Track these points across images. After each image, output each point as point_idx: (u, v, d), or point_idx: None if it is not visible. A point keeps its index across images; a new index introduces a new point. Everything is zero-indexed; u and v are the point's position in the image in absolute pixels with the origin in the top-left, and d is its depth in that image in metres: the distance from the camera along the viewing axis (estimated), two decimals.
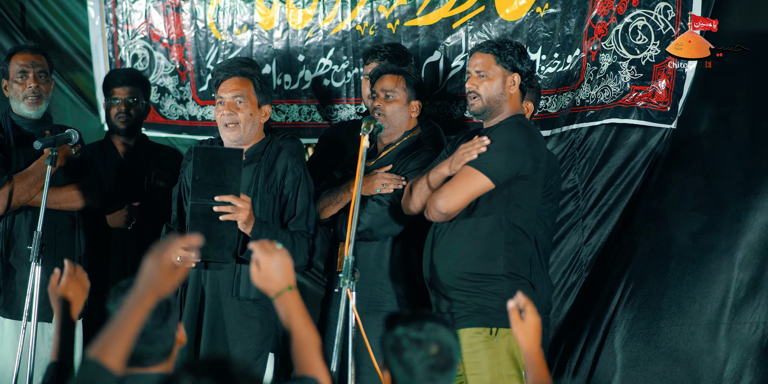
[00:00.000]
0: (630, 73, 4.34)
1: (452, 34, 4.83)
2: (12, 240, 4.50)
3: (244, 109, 4.08)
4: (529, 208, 3.96)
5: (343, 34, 5.14)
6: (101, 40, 5.87)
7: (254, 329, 4.05)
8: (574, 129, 4.50)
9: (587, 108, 4.45)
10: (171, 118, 5.76)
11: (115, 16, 5.84)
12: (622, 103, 4.35)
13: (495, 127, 3.98)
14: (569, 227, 4.57)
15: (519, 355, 3.86)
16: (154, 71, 5.77)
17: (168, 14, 5.66)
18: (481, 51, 4.01)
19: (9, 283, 4.48)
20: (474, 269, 3.93)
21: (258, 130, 4.14)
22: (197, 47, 5.57)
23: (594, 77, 4.43)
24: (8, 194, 4.41)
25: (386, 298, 4.29)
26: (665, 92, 4.28)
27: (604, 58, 4.39)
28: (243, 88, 4.09)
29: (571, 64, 4.50)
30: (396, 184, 4.24)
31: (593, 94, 4.43)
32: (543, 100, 4.57)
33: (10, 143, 4.57)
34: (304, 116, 5.33)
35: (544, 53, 4.57)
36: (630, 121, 4.35)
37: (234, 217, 3.93)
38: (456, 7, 4.80)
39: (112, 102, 5.00)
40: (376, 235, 4.26)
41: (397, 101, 4.30)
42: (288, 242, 4.01)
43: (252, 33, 5.40)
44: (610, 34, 4.37)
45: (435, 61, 4.90)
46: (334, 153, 4.71)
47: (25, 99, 4.53)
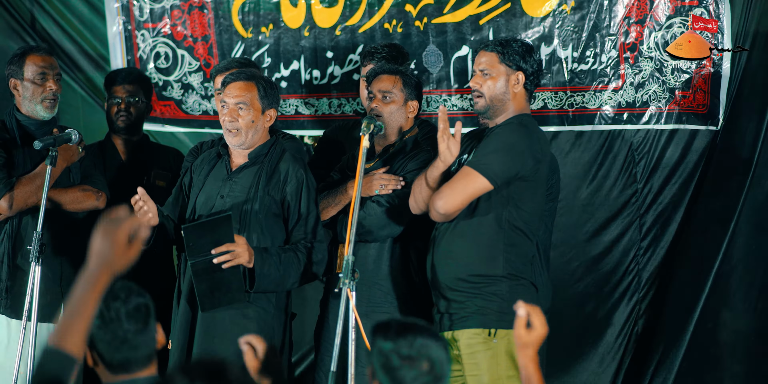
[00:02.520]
0: (673, 78, 4.58)
1: (479, 31, 5.01)
2: (19, 241, 4.51)
3: (245, 115, 4.09)
4: (530, 209, 3.93)
5: (371, 32, 5.30)
6: (119, 39, 5.95)
7: (250, 330, 3.94)
8: (625, 130, 4.73)
9: (635, 110, 4.69)
10: (194, 113, 5.89)
11: (133, 14, 5.92)
12: (670, 108, 4.61)
13: (497, 127, 3.98)
14: (627, 226, 4.78)
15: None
16: (177, 68, 5.87)
17: (192, 13, 5.79)
18: (485, 50, 3.99)
19: (16, 284, 4.49)
20: (473, 270, 3.91)
21: (262, 134, 4.18)
22: (222, 45, 5.72)
23: (636, 80, 4.64)
24: (15, 196, 4.39)
25: (385, 300, 4.28)
26: (703, 95, 4.52)
27: (645, 63, 4.62)
28: (246, 95, 4.10)
29: (605, 63, 4.71)
30: (395, 185, 4.22)
31: (638, 96, 4.66)
32: (580, 95, 4.80)
33: (17, 144, 4.55)
34: (334, 109, 5.50)
35: (575, 50, 4.77)
36: (675, 126, 4.62)
37: (236, 262, 3.97)
38: (483, 5, 4.98)
39: (112, 101, 5.01)
40: (376, 236, 4.24)
41: (395, 102, 4.28)
42: (293, 262, 4.07)
43: (278, 31, 5.55)
44: (649, 40, 4.59)
45: (464, 56, 5.08)
46: (334, 154, 4.71)
47: (43, 101, 4.54)
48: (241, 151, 4.22)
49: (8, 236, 4.51)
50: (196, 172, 4.33)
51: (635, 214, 4.73)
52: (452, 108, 5.16)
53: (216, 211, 4.12)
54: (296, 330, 5.36)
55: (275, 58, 5.60)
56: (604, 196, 4.85)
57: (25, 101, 4.56)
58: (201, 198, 4.25)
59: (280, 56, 5.58)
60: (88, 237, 4.49)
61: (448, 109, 5.08)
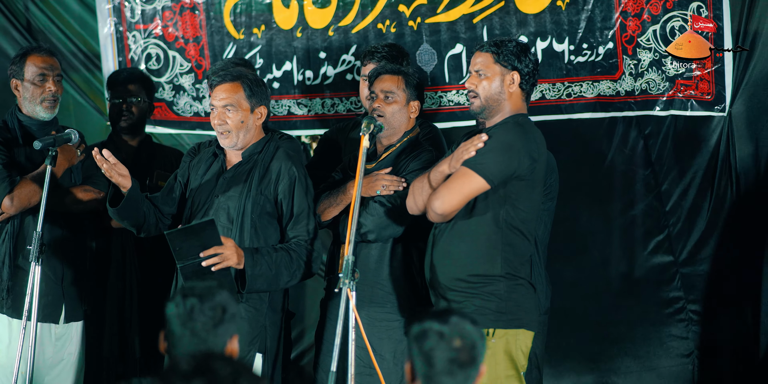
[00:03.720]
0: (673, 68, 4.60)
1: (473, 30, 5.02)
2: (21, 242, 4.51)
3: (234, 117, 4.10)
4: (527, 208, 3.93)
5: (364, 32, 5.31)
6: (110, 40, 5.93)
7: (242, 329, 3.93)
8: (636, 116, 4.75)
9: (635, 98, 4.71)
10: (185, 114, 5.88)
11: (124, 15, 5.91)
12: (673, 95, 4.62)
13: (493, 127, 3.97)
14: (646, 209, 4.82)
15: (517, 355, 3.88)
16: (168, 70, 5.86)
17: (183, 14, 5.78)
18: (480, 50, 4.00)
19: (18, 284, 4.47)
20: (471, 270, 3.91)
21: (255, 132, 4.18)
22: (213, 46, 5.71)
23: (636, 70, 4.66)
24: (18, 196, 4.40)
25: (387, 300, 4.28)
26: (707, 84, 4.53)
27: (644, 54, 4.65)
28: (233, 96, 4.11)
29: (602, 55, 4.73)
30: (396, 186, 4.22)
31: (638, 85, 4.68)
32: (577, 85, 4.82)
33: (19, 144, 4.55)
34: (327, 108, 5.49)
35: (572, 44, 4.79)
36: (679, 112, 4.63)
37: (224, 264, 3.94)
38: (476, 4, 4.99)
39: (114, 101, 5.02)
40: (378, 236, 4.23)
41: (397, 102, 4.28)
42: (285, 261, 4.05)
43: (270, 32, 5.55)
44: (647, 32, 4.61)
45: (458, 54, 5.08)
46: (334, 155, 4.71)
47: (43, 102, 4.54)
48: (235, 150, 4.23)
49: (10, 236, 4.51)
50: (194, 170, 4.33)
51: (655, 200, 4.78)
52: (448, 103, 5.15)
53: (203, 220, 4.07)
54: (296, 329, 5.41)
55: (267, 59, 5.59)
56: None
57: (25, 102, 4.57)
58: (197, 197, 4.26)
59: (272, 57, 5.57)
60: (89, 237, 4.64)
61: (444, 105, 5.10)
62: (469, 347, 2.53)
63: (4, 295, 4.50)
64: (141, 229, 4.28)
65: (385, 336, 4.26)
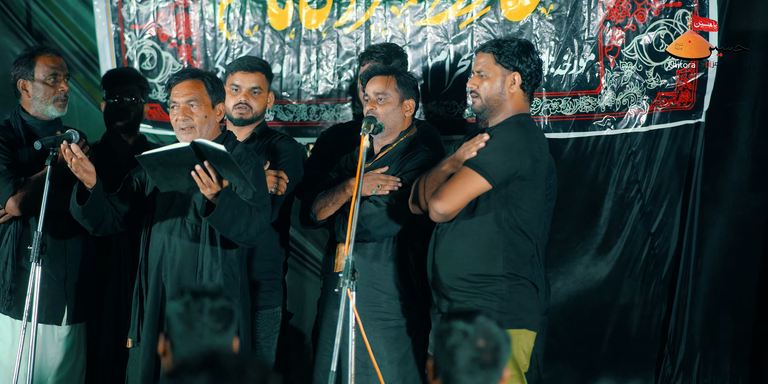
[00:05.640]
0: (655, 79, 4.48)
1: (459, 34, 4.93)
2: (24, 243, 4.50)
3: (198, 112, 4.12)
4: (529, 208, 3.95)
5: (356, 34, 5.24)
6: (107, 40, 5.93)
7: None
8: (615, 135, 4.64)
9: (614, 114, 4.58)
10: None
11: (122, 15, 5.90)
12: (651, 110, 4.50)
13: (495, 127, 3.99)
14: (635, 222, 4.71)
15: (518, 355, 3.89)
16: (162, 71, 5.84)
17: (177, 14, 5.73)
18: (482, 51, 4.03)
19: (21, 285, 4.48)
20: (473, 270, 3.93)
21: (214, 129, 4.20)
22: (205, 47, 5.65)
23: (617, 84, 4.54)
24: (23, 197, 4.42)
25: (382, 300, 4.28)
26: (689, 93, 4.43)
27: (627, 66, 4.52)
28: (195, 91, 4.13)
29: (583, 67, 4.60)
30: (392, 186, 4.23)
31: (618, 101, 4.55)
32: (556, 101, 4.67)
33: (22, 144, 4.56)
34: (313, 115, 5.41)
35: (553, 55, 4.67)
36: (659, 126, 4.52)
37: (207, 190, 3.91)
38: (463, 8, 4.90)
39: (109, 101, 5.00)
40: (374, 236, 4.24)
41: (389, 103, 4.28)
42: (247, 211, 3.98)
43: (263, 32, 5.48)
44: (631, 43, 4.49)
45: (442, 61, 4.99)
46: (332, 156, 4.69)
47: (55, 101, 4.55)
48: None
49: (13, 237, 4.53)
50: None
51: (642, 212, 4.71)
52: (427, 115, 5.05)
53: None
54: (295, 330, 5.39)
55: None
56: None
57: (35, 102, 4.56)
58: (160, 197, 4.24)
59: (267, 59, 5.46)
60: (91, 239, 4.64)
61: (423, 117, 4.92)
62: (493, 349, 2.55)
63: (7, 296, 4.53)
64: (98, 228, 4.27)
65: (380, 335, 4.26)
